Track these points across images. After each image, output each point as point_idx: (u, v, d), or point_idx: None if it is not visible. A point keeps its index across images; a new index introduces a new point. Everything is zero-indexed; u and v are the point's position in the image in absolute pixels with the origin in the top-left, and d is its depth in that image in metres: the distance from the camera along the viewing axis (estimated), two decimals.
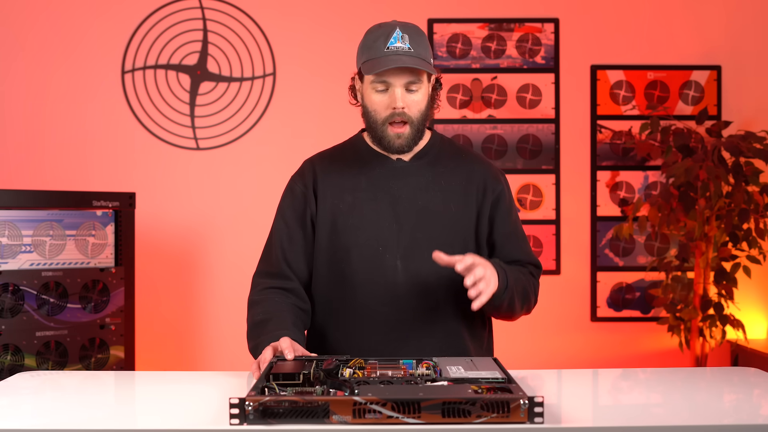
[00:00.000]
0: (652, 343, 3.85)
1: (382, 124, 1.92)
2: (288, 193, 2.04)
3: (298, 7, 3.85)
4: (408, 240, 1.93)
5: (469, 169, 2.01)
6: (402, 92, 1.89)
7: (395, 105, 1.89)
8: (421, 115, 1.93)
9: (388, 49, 1.87)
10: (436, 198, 1.96)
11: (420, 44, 1.90)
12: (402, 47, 1.87)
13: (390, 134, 1.92)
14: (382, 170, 1.98)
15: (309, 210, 1.99)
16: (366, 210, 1.95)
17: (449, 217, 1.96)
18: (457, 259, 1.76)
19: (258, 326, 1.88)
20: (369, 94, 1.93)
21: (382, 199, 1.96)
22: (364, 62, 1.91)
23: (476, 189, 1.99)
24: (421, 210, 1.95)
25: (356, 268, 1.93)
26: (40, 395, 1.74)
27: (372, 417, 1.36)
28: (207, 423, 1.44)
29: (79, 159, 3.79)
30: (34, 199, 2.86)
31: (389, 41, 1.88)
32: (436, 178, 1.98)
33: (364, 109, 1.97)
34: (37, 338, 2.80)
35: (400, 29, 1.89)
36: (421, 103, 1.92)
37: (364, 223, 1.94)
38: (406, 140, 1.93)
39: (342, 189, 1.98)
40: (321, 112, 3.82)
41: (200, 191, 3.83)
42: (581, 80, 3.88)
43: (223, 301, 3.80)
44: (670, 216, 3.55)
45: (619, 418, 1.56)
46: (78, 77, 3.81)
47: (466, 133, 3.83)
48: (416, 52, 1.88)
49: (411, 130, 1.93)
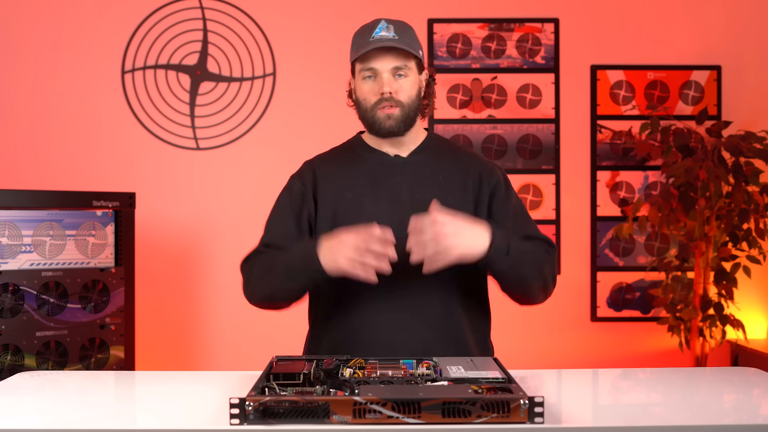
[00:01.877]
0: (652, 343, 3.85)
1: (372, 110, 1.95)
2: (285, 192, 2.06)
3: (298, 7, 3.85)
4: (407, 234, 1.93)
5: (465, 164, 2.03)
6: (389, 77, 1.93)
7: (383, 90, 1.92)
8: (412, 102, 1.96)
9: (373, 38, 1.93)
10: (434, 192, 1.97)
11: (405, 34, 1.95)
12: (387, 35, 1.93)
13: (380, 116, 1.95)
14: (381, 166, 2.00)
15: (306, 209, 2.00)
16: (365, 206, 1.96)
17: (447, 209, 1.96)
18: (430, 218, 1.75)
19: (269, 269, 1.89)
20: (359, 84, 1.98)
21: (382, 195, 1.97)
22: (352, 54, 1.98)
23: (473, 182, 2.00)
24: (419, 204, 1.95)
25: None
26: (40, 395, 1.74)
27: (372, 417, 1.36)
28: (207, 423, 1.44)
29: (79, 159, 3.79)
30: (34, 199, 2.86)
31: (374, 32, 1.94)
32: (434, 174, 2.00)
33: (356, 102, 2.01)
34: (37, 338, 2.80)
35: (385, 21, 1.95)
36: (410, 90, 1.95)
37: (363, 219, 1.95)
38: (395, 121, 1.94)
39: (341, 187, 1.99)
40: (321, 112, 3.82)
41: (200, 191, 3.83)
42: (581, 80, 3.88)
43: (223, 301, 3.80)
44: (670, 216, 3.55)
45: (619, 418, 1.56)
46: (78, 77, 3.81)
47: (466, 133, 3.83)
48: (401, 40, 1.92)
49: (401, 113, 1.94)
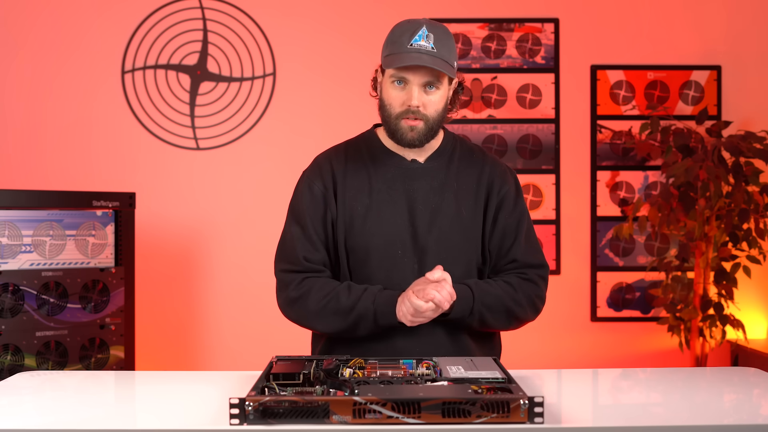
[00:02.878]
0: (652, 343, 3.85)
1: (396, 118, 1.92)
2: (306, 192, 2.00)
3: (298, 7, 3.85)
4: (424, 242, 1.94)
5: (479, 169, 2.02)
6: (419, 92, 1.89)
7: (411, 103, 1.89)
8: (437, 116, 1.93)
9: (411, 46, 1.86)
10: (449, 199, 1.97)
11: (445, 45, 1.89)
12: (425, 46, 1.86)
13: (403, 126, 1.92)
14: (398, 171, 1.98)
15: (330, 212, 1.98)
16: (383, 212, 1.95)
17: (461, 219, 1.97)
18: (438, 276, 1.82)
19: (337, 309, 1.89)
20: (387, 88, 1.93)
21: (399, 201, 1.96)
22: (386, 56, 1.91)
23: (485, 190, 2.00)
24: (435, 211, 1.95)
25: (375, 270, 1.94)
26: (40, 395, 1.74)
27: (372, 417, 1.36)
28: (207, 423, 1.44)
29: (79, 159, 3.79)
30: (34, 199, 2.86)
31: (413, 38, 1.87)
32: (449, 179, 1.99)
33: (380, 102, 1.97)
34: (37, 338, 2.80)
35: (426, 28, 1.88)
36: (437, 104, 1.92)
37: (381, 225, 1.94)
38: (418, 134, 1.93)
39: (358, 190, 1.97)
40: (321, 111, 3.82)
41: (200, 191, 3.82)
42: (581, 80, 3.88)
43: (223, 301, 3.80)
44: (670, 216, 3.55)
45: (619, 418, 1.56)
46: (78, 77, 3.81)
47: (466, 133, 3.83)
48: (439, 53, 1.87)
49: (425, 126, 1.92)
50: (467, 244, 1.97)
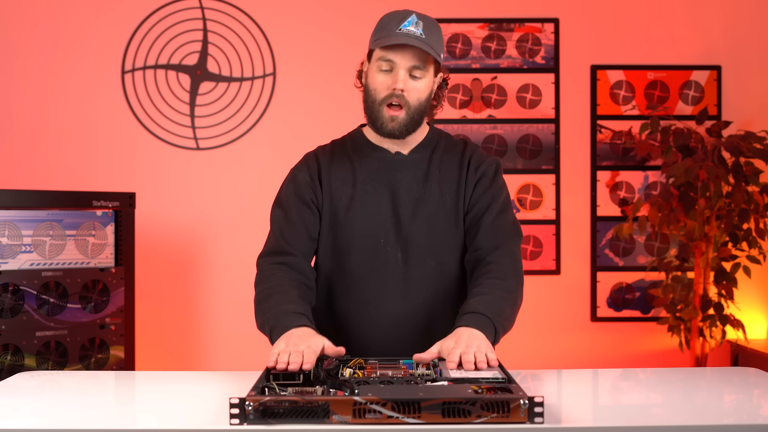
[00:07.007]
0: (652, 343, 3.85)
1: (380, 104, 1.92)
2: (289, 182, 2.03)
3: (298, 7, 3.85)
4: (407, 231, 1.95)
5: (461, 157, 2.02)
6: (405, 75, 1.90)
7: (396, 86, 1.89)
8: (420, 105, 1.93)
9: (400, 31, 1.88)
10: (433, 187, 1.97)
11: (433, 34, 1.91)
12: (414, 31, 1.88)
13: (385, 115, 1.92)
14: (382, 163, 1.99)
15: (316, 196, 1.99)
16: (366, 203, 1.96)
17: (445, 206, 1.97)
18: (434, 355, 1.71)
19: (263, 302, 1.87)
20: (373, 73, 1.93)
21: (382, 192, 1.97)
22: (375, 40, 1.92)
23: (465, 174, 2.00)
24: (419, 200, 1.96)
25: (358, 260, 1.95)
26: (40, 395, 1.74)
27: (372, 417, 1.36)
28: (207, 423, 1.44)
29: (79, 159, 3.79)
30: (34, 199, 2.86)
31: (403, 24, 1.89)
32: (432, 169, 1.99)
33: (365, 90, 1.97)
34: (37, 338, 2.80)
35: (416, 16, 1.90)
36: (421, 92, 1.92)
37: (364, 216, 1.95)
38: (398, 125, 1.93)
39: (342, 182, 1.99)
40: (321, 112, 3.82)
41: (200, 191, 3.83)
42: (581, 80, 3.88)
43: (223, 301, 3.80)
44: (670, 216, 3.55)
45: (619, 418, 1.56)
46: (78, 77, 3.81)
47: (466, 133, 3.83)
48: (427, 40, 1.89)
49: (406, 116, 1.92)
50: (454, 229, 1.97)
